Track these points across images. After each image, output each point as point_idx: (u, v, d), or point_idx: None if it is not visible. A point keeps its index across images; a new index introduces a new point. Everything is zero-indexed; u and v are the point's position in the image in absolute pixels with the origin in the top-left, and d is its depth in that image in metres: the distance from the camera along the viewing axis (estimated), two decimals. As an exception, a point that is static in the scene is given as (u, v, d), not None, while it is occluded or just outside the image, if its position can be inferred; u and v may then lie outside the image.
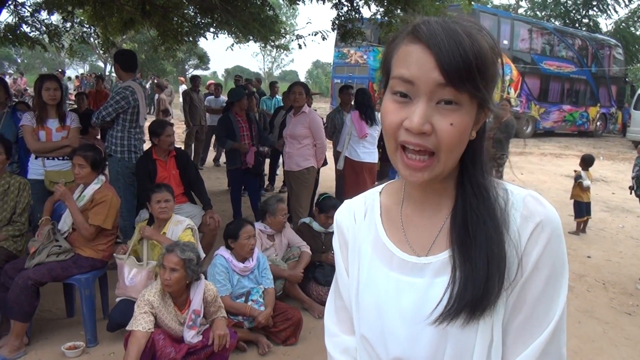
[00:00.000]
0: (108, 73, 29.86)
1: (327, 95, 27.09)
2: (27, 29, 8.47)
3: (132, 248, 3.61)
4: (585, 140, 19.96)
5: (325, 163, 6.42)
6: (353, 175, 5.94)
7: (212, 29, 9.56)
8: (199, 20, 9.24)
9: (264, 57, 53.56)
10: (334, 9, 7.49)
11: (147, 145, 4.87)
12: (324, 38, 7.92)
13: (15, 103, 5.64)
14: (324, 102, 27.21)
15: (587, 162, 6.94)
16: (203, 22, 9.25)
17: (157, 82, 15.87)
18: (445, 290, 0.87)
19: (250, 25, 7.86)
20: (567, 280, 0.88)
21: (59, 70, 26.35)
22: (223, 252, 3.71)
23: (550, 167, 12.77)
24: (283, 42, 10.13)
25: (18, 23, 8.21)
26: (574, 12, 29.25)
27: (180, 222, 3.70)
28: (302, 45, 8.34)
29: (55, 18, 9.91)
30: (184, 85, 17.88)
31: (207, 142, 10.24)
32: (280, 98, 9.13)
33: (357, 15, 7.51)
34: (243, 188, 6.18)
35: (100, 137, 6.49)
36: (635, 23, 28.19)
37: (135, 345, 2.81)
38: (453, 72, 0.79)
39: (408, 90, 0.84)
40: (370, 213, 1.05)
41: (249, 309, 3.56)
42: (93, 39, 11.19)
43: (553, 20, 28.45)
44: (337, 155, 6.23)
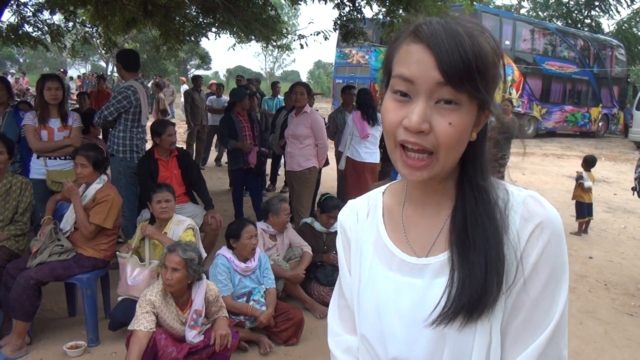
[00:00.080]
0: (110, 73, 29.88)
1: (328, 96, 27.05)
2: (29, 29, 8.48)
3: (134, 246, 3.62)
4: (587, 141, 19.93)
5: (327, 163, 6.42)
6: (355, 176, 5.94)
7: (214, 29, 9.55)
8: (201, 20, 9.24)
9: (266, 57, 53.66)
10: (336, 9, 7.49)
11: (149, 145, 4.88)
12: (326, 38, 7.92)
13: (18, 103, 5.65)
14: (326, 102, 27.18)
15: (589, 162, 6.93)
16: (205, 22, 9.25)
17: (155, 81, 15.86)
18: (444, 292, 0.87)
19: (252, 25, 7.87)
20: (567, 282, 0.87)
21: (61, 70, 26.38)
22: (225, 252, 3.72)
23: (552, 167, 12.76)
24: (285, 42, 10.13)
25: (20, 23, 8.21)
26: (576, 12, 29.23)
27: (182, 221, 3.70)
28: (303, 45, 8.35)
29: (58, 18, 9.93)
30: (186, 85, 17.88)
31: (208, 141, 10.25)
32: (282, 98, 9.13)
33: (359, 16, 7.51)
34: (245, 188, 6.19)
35: (102, 136, 6.50)
36: (638, 23, 28.19)
37: (137, 345, 2.81)
38: (452, 71, 0.80)
39: (408, 90, 0.84)
40: (373, 213, 1.06)
41: (251, 309, 3.56)
42: (95, 39, 11.19)
43: (555, 21, 28.44)
44: (338, 156, 6.23)
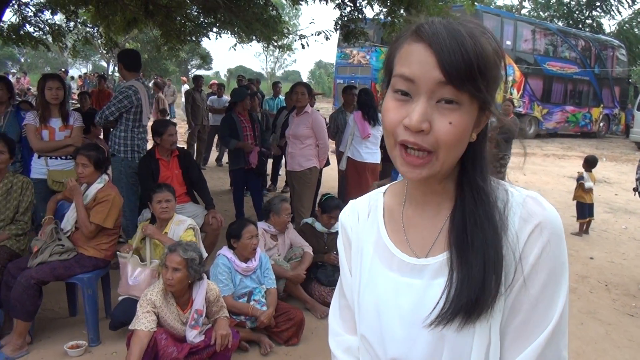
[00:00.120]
0: (111, 73, 29.90)
1: (329, 96, 27.06)
2: (30, 29, 8.49)
3: (134, 247, 3.62)
4: (588, 141, 19.91)
5: (328, 163, 6.42)
6: (355, 176, 5.94)
7: (215, 29, 9.55)
8: (202, 20, 9.24)
9: (267, 57, 53.59)
10: (337, 9, 7.48)
11: (150, 145, 4.88)
12: (327, 38, 7.91)
13: (19, 102, 5.66)
14: (327, 102, 27.19)
15: (590, 163, 6.92)
16: (206, 21, 9.25)
17: (155, 81, 15.85)
18: (442, 293, 0.87)
19: (253, 25, 7.86)
20: (567, 282, 0.87)
21: (62, 70, 26.40)
22: (225, 251, 3.72)
23: (553, 168, 12.75)
24: (286, 42, 10.13)
25: (21, 23, 8.22)
26: (577, 12, 29.20)
27: (182, 221, 3.70)
28: (304, 46, 8.34)
29: (59, 18, 9.94)
30: (187, 85, 17.89)
31: (209, 141, 10.24)
32: (283, 98, 9.13)
33: (360, 16, 7.50)
34: (245, 188, 6.19)
35: (103, 136, 6.50)
36: (639, 24, 28.13)
37: (138, 345, 2.82)
38: (453, 71, 0.79)
39: (409, 89, 0.84)
40: (374, 213, 1.06)
41: (252, 309, 3.56)
42: (96, 39, 11.19)
43: (556, 21, 28.42)
44: (339, 156, 6.23)
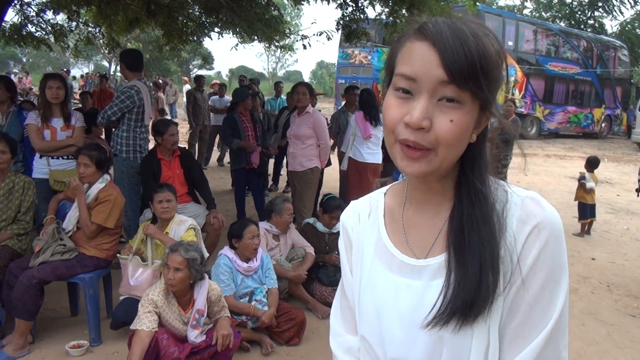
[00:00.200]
0: (112, 72, 29.93)
1: (331, 96, 27.08)
2: (32, 29, 8.50)
3: (136, 248, 3.63)
4: (590, 142, 19.89)
5: (329, 163, 6.42)
6: (357, 176, 5.94)
7: (216, 29, 9.56)
8: (204, 20, 9.25)
9: (268, 57, 53.55)
10: (339, 9, 7.49)
11: (152, 145, 4.88)
12: (329, 38, 7.91)
13: (21, 102, 5.66)
14: (328, 102, 27.20)
15: (592, 164, 6.91)
16: (208, 21, 9.25)
17: (154, 81, 15.79)
18: (439, 294, 0.87)
19: (255, 25, 7.87)
20: (566, 283, 0.86)
21: (64, 70, 26.45)
22: (227, 251, 3.72)
23: (555, 168, 12.74)
24: (287, 42, 10.13)
25: (23, 23, 8.24)
26: (579, 13, 29.18)
27: (183, 221, 3.70)
28: (306, 46, 8.36)
29: (61, 18, 9.96)
30: (188, 85, 17.89)
31: (210, 141, 10.25)
32: (285, 98, 9.13)
33: (361, 16, 7.50)
34: (247, 188, 6.19)
35: (104, 136, 6.51)
36: (641, 24, 28.12)
37: (139, 345, 2.82)
38: (456, 70, 0.79)
39: (410, 87, 0.84)
40: (374, 214, 1.05)
41: (253, 309, 3.56)
42: (98, 39, 11.21)
43: (558, 21, 28.41)
44: (341, 156, 6.22)
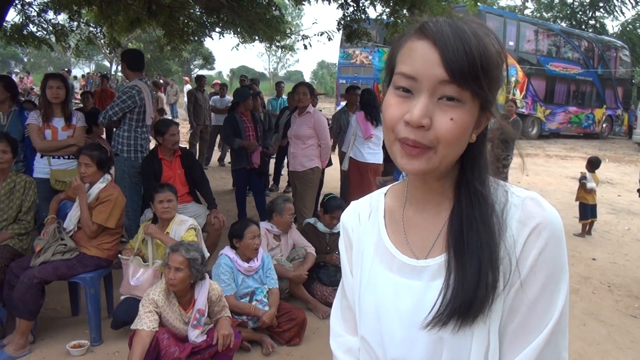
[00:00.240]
0: (114, 72, 29.96)
1: (332, 96, 27.09)
2: (33, 29, 8.51)
3: (137, 248, 3.63)
4: (591, 142, 19.87)
5: (330, 163, 6.41)
6: (358, 176, 5.94)
7: (217, 29, 9.56)
8: (205, 20, 9.25)
9: (269, 57, 53.55)
10: (340, 9, 7.49)
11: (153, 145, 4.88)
12: (330, 38, 7.91)
13: (22, 102, 5.66)
14: (329, 102, 27.21)
15: (593, 164, 6.90)
16: (209, 21, 9.26)
17: (153, 80, 15.76)
18: (439, 295, 0.87)
19: (256, 25, 7.87)
20: (566, 284, 0.86)
21: (65, 70, 26.47)
22: (228, 251, 3.72)
23: (556, 168, 12.73)
24: (288, 42, 10.13)
25: (25, 22, 8.24)
26: (581, 13, 29.14)
27: (184, 221, 3.70)
28: (307, 46, 8.36)
29: (62, 18, 9.96)
30: (189, 85, 17.88)
31: (211, 141, 10.25)
32: (286, 98, 9.14)
33: (363, 16, 7.50)
34: (248, 188, 6.19)
35: (105, 136, 6.51)
36: (643, 25, 28.07)
37: (140, 345, 2.82)
38: (457, 68, 0.79)
39: (410, 86, 0.84)
40: (375, 214, 1.05)
41: (253, 309, 3.56)
42: (99, 39, 11.22)
43: (559, 22, 28.38)
44: (342, 156, 6.22)
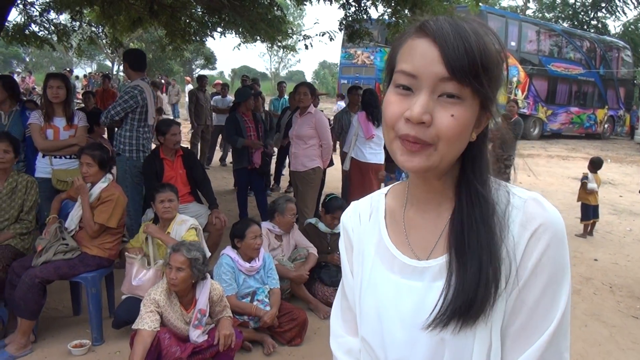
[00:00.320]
0: (115, 72, 29.98)
1: (333, 96, 27.09)
2: (35, 29, 8.52)
3: (137, 248, 3.63)
4: (593, 143, 19.84)
5: (332, 163, 6.41)
6: (359, 176, 5.93)
7: (219, 29, 9.56)
8: (207, 20, 9.26)
9: (271, 57, 53.55)
10: (342, 9, 7.49)
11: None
12: (331, 38, 7.92)
13: (24, 102, 5.66)
14: (331, 102, 27.20)
15: (595, 164, 6.89)
16: (210, 21, 9.26)
17: (152, 80, 15.76)
18: (440, 295, 0.87)
19: (258, 25, 7.87)
20: (568, 284, 0.86)
21: (67, 69, 26.49)
22: (229, 251, 3.72)
23: (558, 169, 12.71)
24: (290, 42, 10.13)
25: (27, 22, 8.25)
26: (582, 13, 29.10)
27: (185, 221, 3.71)
28: (309, 46, 8.36)
29: (64, 18, 9.97)
30: (190, 85, 17.87)
31: (213, 141, 10.26)
32: (288, 98, 9.14)
33: (364, 16, 7.50)
34: (249, 188, 6.19)
35: (107, 136, 6.51)
36: (644, 25, 28.03)
37: (141, 344, 2.82)
38: (457, 66, 0.79)
39: (411, 84, 0.84)
40: (375, 215, 1.05)
41: (255, 309, 3.56)
42: (101, 39, 11.23)
43: (561, 22, 28.34)
44: (343, 156, 6.22)
